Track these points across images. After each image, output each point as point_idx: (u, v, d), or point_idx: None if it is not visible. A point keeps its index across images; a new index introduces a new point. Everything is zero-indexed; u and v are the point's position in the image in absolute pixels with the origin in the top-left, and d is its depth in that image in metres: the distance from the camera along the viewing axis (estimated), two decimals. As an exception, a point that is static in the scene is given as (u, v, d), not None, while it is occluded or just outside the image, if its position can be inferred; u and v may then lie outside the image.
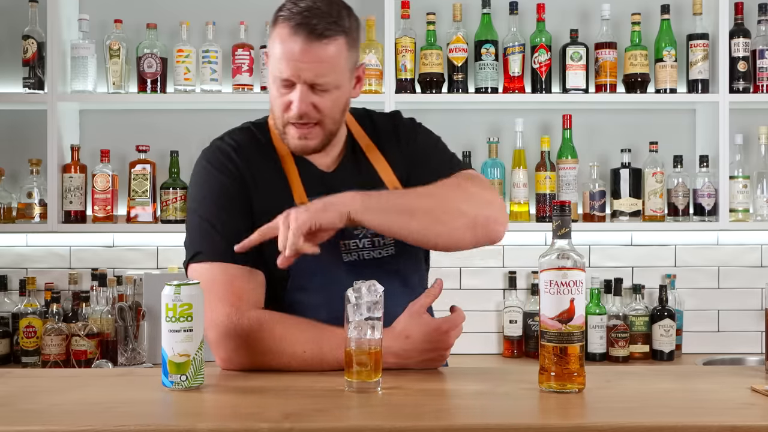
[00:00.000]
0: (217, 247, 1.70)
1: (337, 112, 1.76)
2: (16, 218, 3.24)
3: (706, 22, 3.31)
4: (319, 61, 1.68)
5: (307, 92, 1.70)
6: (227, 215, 1.73)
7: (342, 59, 1.71)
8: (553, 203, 1.68)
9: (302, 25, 1.66)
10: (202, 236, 1.73)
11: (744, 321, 3.44)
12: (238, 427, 1.26)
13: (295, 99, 1.70)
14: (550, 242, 1.49)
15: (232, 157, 1.78)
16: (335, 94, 1.73)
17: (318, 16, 1.67)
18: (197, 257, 1.72)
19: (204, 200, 1.77)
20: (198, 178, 1.81)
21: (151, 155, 3.28)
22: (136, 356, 3.16)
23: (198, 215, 1.75)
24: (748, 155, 3.36)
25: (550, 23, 3.35)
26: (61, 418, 1.32)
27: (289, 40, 1.68)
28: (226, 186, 1.76)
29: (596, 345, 3.22)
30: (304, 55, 1.67)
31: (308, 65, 1.68)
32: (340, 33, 1.70)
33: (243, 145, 1.81)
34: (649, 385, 1.53)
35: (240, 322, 1.64)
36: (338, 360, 1.60)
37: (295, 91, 1.70)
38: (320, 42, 1.67)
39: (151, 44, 3.25)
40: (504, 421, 1.29)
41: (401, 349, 1.62)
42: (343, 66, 1.72)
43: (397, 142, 1.89)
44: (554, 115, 3.39)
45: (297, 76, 1.68)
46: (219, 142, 1.83)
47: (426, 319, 1.64)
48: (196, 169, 1.83)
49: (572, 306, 1.44)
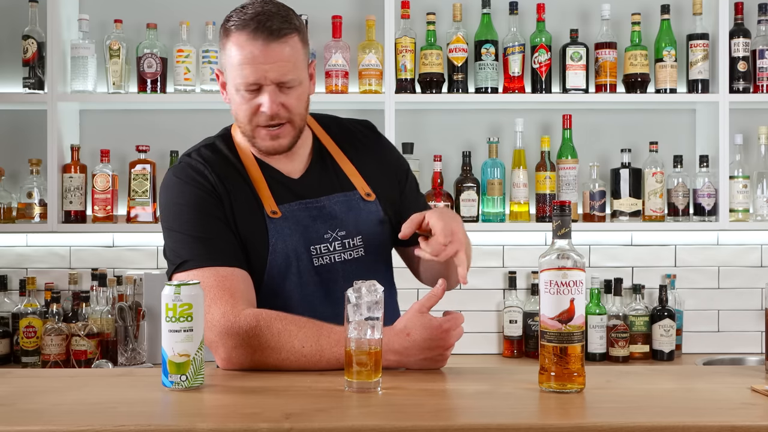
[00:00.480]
0: (203, 253, 1.72)
1: (303, 108, 1.80)
2: (16, 218, 3.24)
3: (706, 22, 3.31)
4: (281, 60, 1.73)
5: (276, 92, 1.74)
6: (208, 222, 1.75)
7: (300, 55, 1.77)
8: (553, 203, 1.68)
9: (259, 29, 1.71)
10: (185, 247, 1.74)
11: (744, 321, 3.44)
12: (238, 427, 1.26)
13: (265, 101, 1.74)
14: (550, 242, 1.49)
15: (204, 173, 1.80)
16: (299, 91, 1.78)
17: (271, 18, 1.73)
18: (183, 266, 1.73)
19: (181, 213, 1.77)
20: (171, 194, 1.81)
21: (151, 155, 3.28)
22: (136, 356, 3.16)
23: (176, 231, 1.77)
24: (748, 155, 3.36)
25: (550, 23, 3.35)
26: (61, 418, 1.32)
27: (249, 45, 1.72)
28: (202, 197, 1.78)
29: (596, 345, 3.22)
30: (266, 57, 1.72)
31: (272, 65, 1.73)
32: (294, 31, 1.76)
33: (211, 161, 1.82)
34: (649, 385, 1.53)
35: (237, 319, 1.65)
36: (336, 357, 1.61)
37: (264, 94, 1.74)
38: (278, 41, 1.72)
39: (151, 44, 3.25)
40: (504, 421, 1.29)
41: (401, 347, 1.63)
42: (301, 62, 1.78)
43: (366, 149, 1.94)
44: (554, 115, 3.39)
45: (263, 77, 1.73)
46: (187, 158, 1.84)
47: (427, 318, 1.65)
48: (168, 185, 1.82)
49: (572, 306, 1.44)
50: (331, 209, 1.83)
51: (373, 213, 1.87)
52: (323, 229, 1.82)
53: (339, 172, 1.89)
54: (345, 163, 1.90)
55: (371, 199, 1.87)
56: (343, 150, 1.91)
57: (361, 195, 1.87)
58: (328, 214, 1.83)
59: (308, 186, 1.85)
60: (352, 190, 1.87)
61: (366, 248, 1.85)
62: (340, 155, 1.90)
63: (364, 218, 1.86)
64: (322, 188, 1.85)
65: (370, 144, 1.96)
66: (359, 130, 1.98)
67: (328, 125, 1.95)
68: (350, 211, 1.85)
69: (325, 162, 1.89)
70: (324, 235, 1.81)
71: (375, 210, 1.87)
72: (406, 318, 1.66)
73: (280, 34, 1.72)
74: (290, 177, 1.85)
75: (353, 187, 1.87)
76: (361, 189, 1.87)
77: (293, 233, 1.79)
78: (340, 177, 1.88)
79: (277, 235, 1.78)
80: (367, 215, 1.86)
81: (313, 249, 1.80)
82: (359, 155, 1.92)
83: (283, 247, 1.78)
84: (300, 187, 1.84)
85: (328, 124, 1.96)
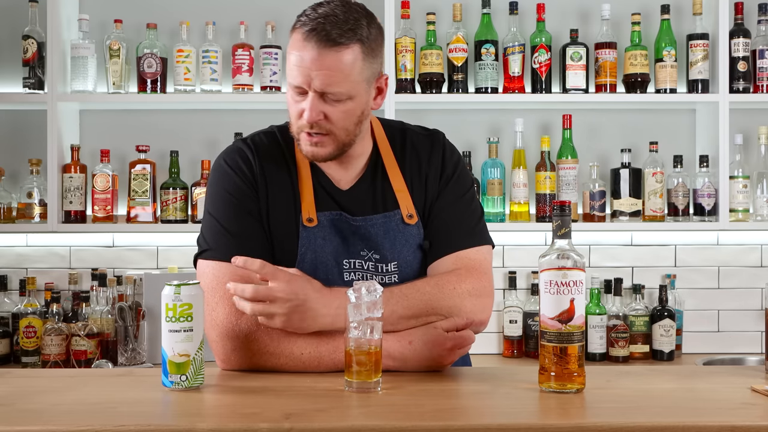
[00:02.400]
0: (225, 248, 1.70)
1: (351, 123, 1.71)
2: (16, 218, 3.24)
3: (706, 22, 3.31)
4: (329, 69, 1.63)
5: (318, 101, 1.66)
6: (237, 217, 1.74)
7: (356, 68, 1.66)
8: (553, 203, 1.68)
9: (315, 32, 1.63)
10: (213, 234, 1.74)
11: (744, 321, 3.44)
12: (238, 427, 1.26)
13: (306, 107, 1.67)
14: (550, 242, 1.49)
15: (249, 160, 1.77)
16: (348, 105, 1.68)
17: (333, 23, 1.63)
18: (206, 254, 1.73)
19: (218, 200, 1.77)
20: (215, 176, 1.81)
21: (151, 155, 3.28)
22: (136, 356, 3.16)
23: (211, 213, 1.76)
24: (748, 155, 3.36)
25: (550, 23, 3.35)
26: (61, 418, 1.32)
27: (302, 46, 1.65)
28: (239, 187, 1.76)
29: (596, 345, 3.22)
30: (314, 62, 1.63)
31: (318, 73, 1.63)
32: (355, 41, 1.65)
33: (263, 150, 1.79)
34: (649, 385, 1.53)
35: (238, 323, 1.64)
36: (335, 362, 1.61)
37: (307, 100, 1.67)
38: (332, 49, 1.63)
39: (151, 44, 3.25)
40: (504, 421, 1.29)
41: (401, 354, 1.62)
42: (357, 75, 1.67)
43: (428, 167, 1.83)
44: (554, 115, 3.39)
45: (307, 83, 1.65)
46: (240, 143, 1.82)
47: (433, 331, 1.63)
48: (215, 166, 1.83)
49: (572, 306, 1.44)
50: (366, 231, 1.76)
51: (411, 237, 1.78)
52: (360, 245, 1.76)
53: (387, 189, 1.80)
54: (396, 178, 1.80)
55: (413, 222, 1.78)
56: (399, 162, 1.82)
57: (403, 216, 1.78)
58: (363, 234, 1.76)
59: (353, 200, 1.78)
60: (395, 210, 1.78)
61: (401, 275, 1.77)
62: (394, 168, 1.81)
63: (401, 243, 1.78)
64: (365, 207, 1.78)
65: (427, 157, 1.83)
66: (421, 141, 1.85)
67: (393, 135, 1.85)
68: (387, 235, 1.77)
69: (376, 176, 1.81)
70: (360, 251, 1.76)
71: (415, 233, 1.78)
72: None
73: (335, 43, 1.63)
74: (338, 187, 1.79)
75: (397, 206, 1.78)
76: (405, 209, 1.78)
77: (326, 243, 1.75)
78: (387, 195, 1.79)
79: (308, 245, 1.74)
80: (405, 240, 1.78)
81: (345, 262, 1.75)
82: (413, 169, 1.82)
83: (312, 257, 1.74)
84: (345, 200, 1.78)
85: (393, 134, 1.86)
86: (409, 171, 1.82)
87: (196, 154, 3.38)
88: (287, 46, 1.71)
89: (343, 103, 1.68)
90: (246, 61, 3.25)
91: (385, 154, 1.82)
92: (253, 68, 3.27)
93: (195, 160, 3.36)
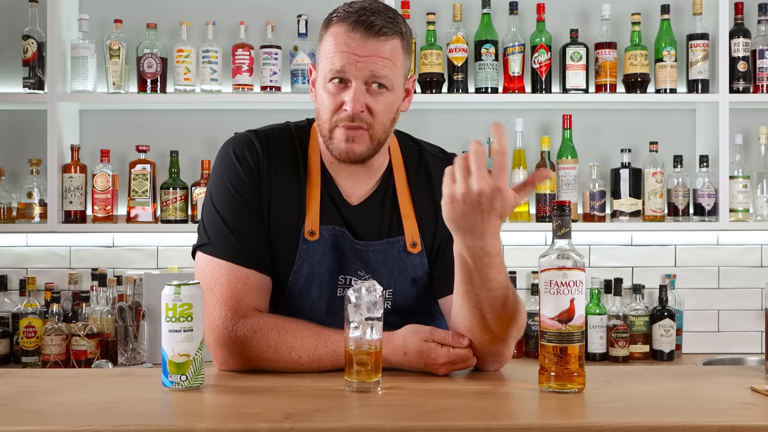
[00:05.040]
0: (225, 246, 1.68)
1: (388, 119, 1.69)
2: (16, 218, 3.24)
3: (706, 22, 3.31)
4: (377, 55, 1.63)
5: (362, 92, 1.64)
6: (240, 214, 1.70)
7: (399, 60, 1.67)
8: (553, 203, 1.67)
9: (361, 22, 1.63)
10: (214, 228, 1.70)
11: (744, 321, 3.44)
12: (238, 427, 1.26)
13: (349, 98, 1.63)
14: (550, 242, 1.49)
15: (258, 155, 1.73)
16: (389, 98, 1.67)
17: (376, 13, 1.64)
18: (206, 248, 1.69)
19: (222, 192, 1.72)
20: (220, 163, 1.75)
21: (151, 155, 3.28)
22: (136, 356, 3.16)
23: (213, 204, 1.72)
24: (748, 155, 3.36)
25: (550, 23, 3.35)
26: (61, 418, 1.32)
27: (346, 35, 1.63)
28: (244, 182, 1.71)
29: (596, 345, 3.22)
30: (361, 49, 1.63)
31: (366, 59, 1.63)
32: (397, 34, 1.66)
33: (274, 145, 1.75)
34: (649, 385, 1.53)
35: (235, 328, 1.62)
36: (334, 364, 1.60)
37: (349, 90, 1.64)
38: (380, 39, 1.64)
39: (151, 44, 3.25)
40: (504, 421, 1.29)
41: (395, 362, 1.60)
42: (399, 67, 1.67)
43: (432, 186, 1.78)
44: (554, 115, 3.39)
45: (353, 69, 1.63)
46: (252, 134, 1.76)
47: (428, 347, 1.59)
48: (222, 152, 1.76)
49: (572, 306, 1.44)
50: (366, 255, 1.73)
51: (411, 267, 1.74)
52: (359, 266, 1.73)
53: (395, 212, 1.76)
54: (405, 202, 1.76)
55: (415, 251, 1.74)
56: (411, 186, 1.78)
57: (407, 244, 1.74)
58: (363, 258, 1.73)
59: (360, 218, 1.74)
60: (399, 236, 1.74)
61: (394, 302, 1.74)
62: (404, 190, 1.77)
63: (399, 272, 1.74)
64: (370, 229, 1.74)
65: (441, 186, 1.59)
66: (437, 166, 1.79)
67: (409, 155, 1.81)
68: (386, 262, 1.73)
69: (387, 197, 1.77)
70: (358, 271, 1.73)
71: (417, 263, 1.75)
72: (408, 336, 1.61)
73: (381, 32, 1.63)
74: (347, 201, 1.75)
75: (402, 232, 1.75)
76: (409, 237, 1.74)
77: (325, 259, 1.72)
78: (393, 218, 1.75)
79: (305, 257, 1.71)
80: (403, 270, 1.74)
81: (341, 278, 1.72)
82: (425, 198, 1.77)
83: (308, 270, 1.71)
84: (351, 216, 1.74)
85: (410, 154, 1.82)
86: (421, 198, 1.78)
87: (196, 154, 3.38)
88: (321, 42, 1.69)
89: (385, 96, 1.66)
90: (246, 61, 3.25)
91: (398, 174, 1.79)
92: (253, 68, 3.27)
93: (195, 160, 3.36)
